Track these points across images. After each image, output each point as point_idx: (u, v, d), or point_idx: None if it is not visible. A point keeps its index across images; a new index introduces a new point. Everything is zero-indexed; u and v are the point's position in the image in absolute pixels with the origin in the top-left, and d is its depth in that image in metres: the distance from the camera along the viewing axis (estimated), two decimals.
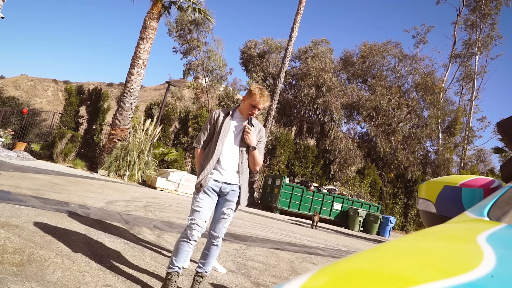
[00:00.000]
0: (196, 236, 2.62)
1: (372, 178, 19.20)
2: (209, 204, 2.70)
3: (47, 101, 71.90)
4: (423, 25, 29.39)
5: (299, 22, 17.33)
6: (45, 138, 16.22)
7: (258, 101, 2.71)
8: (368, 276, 0.66)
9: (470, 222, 1.26)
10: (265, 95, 2.73)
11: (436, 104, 23.32)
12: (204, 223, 2.63)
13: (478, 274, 0.63)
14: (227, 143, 2.76)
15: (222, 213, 2.72)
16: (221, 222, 2.71)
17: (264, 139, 2.91)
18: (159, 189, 11.90)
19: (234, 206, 2.74)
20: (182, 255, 2.61)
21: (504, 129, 2.08)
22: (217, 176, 2.72)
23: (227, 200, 2.74)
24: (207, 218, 2.67)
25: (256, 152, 2.77)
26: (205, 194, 2.69)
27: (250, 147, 2.75)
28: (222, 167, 2.73)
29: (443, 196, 2.08)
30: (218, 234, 2.71)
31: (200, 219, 2.62)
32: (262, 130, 2.87)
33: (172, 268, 2.59)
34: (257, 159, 2.79)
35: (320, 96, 21.30)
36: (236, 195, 2.75)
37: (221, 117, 2.82)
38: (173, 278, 2.58)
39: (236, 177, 2.76)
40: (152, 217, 5.85)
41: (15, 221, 3.59)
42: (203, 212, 2.65)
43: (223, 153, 2.75)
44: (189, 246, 2.62)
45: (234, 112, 2.85)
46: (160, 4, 14.13)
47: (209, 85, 23.94)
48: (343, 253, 7.18)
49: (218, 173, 2.73)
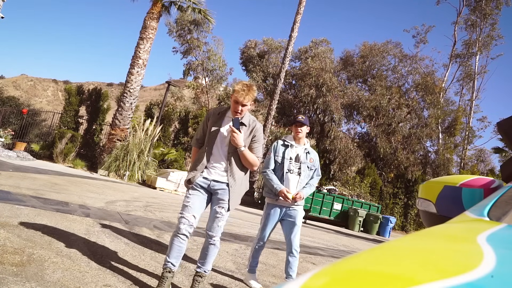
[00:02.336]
0: (184, 230, 2.62)
1: (372, 178, 19.20)
2: (198, 200, 2.72)
3: (47, 101, 71.90)
4: (423, 25, 29.43)
5: (299, 22, 17.32)
6: (45, 138, 16.22)
7: (239, 96, 2.64)
8: (368, 276, 0.66)
9: (470, 222, 1.26)
10: (247, 90, 2.66)
11: (436, 104, 23.32)
12: (192, 218, 2.65)
13: (478, 274, 0.63)
14: (217, 142, 2.76)
15: (215, 211, 2.73)
16: (215, 221, 2.71)
17: (260, 138, 2.82)
18: (159, 189, 11.90)
19: (226, 204, 2.71)
20: (173, 250, 2.63)
21: (504, 129, 2.07)
22: (206, 174, 2.75)
23: (218, 198, 2.73)
24: (196, 213, 2.68)
25: (246, 153, 2.70)
26: (194, 190, 2.73)
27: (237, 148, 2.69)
28: (212, 166, 2.75)
29: (443, 196, 2.08)
30: (213, 233, 2.71)
31: (188, 213, 2.65)
32: (256, 129, 2.79)
33: (165, 264, 2.63)
34: (249, 159, 2.72)
35: (320, 96, 21.29)
36: (226, 194, 2.72)
37: (215, 116, 2.82)
38: (164, 274, 2.61)
39: (225, 176, 2.73)
40: (152, 217, 5.85)
41: (15, 221, 3.59)
42: (191, 206, 2.67)
43: (213, 152, 2.76)
44: (179, 241, 2.63)
45: (227, 111, 2.83)
46: (160, 4, 14.13)
47: (209, 85, 23.95)
48: (343, 253, 7.18)
49: (207, 171, 2.76)
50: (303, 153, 3.47)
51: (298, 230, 3.40)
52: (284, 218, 3.43)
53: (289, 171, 3.40)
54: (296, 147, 3.49)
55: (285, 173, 3.39)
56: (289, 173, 3.39)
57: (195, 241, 4.71)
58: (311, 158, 3.50)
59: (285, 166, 3.40)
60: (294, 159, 3.44)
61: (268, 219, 3.43)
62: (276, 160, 3.46)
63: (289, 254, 3.38)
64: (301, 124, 3.46)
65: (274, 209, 3.42)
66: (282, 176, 3.39)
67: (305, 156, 3.47)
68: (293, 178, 3.39)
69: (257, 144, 2.81)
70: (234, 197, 2.74)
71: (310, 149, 3.55)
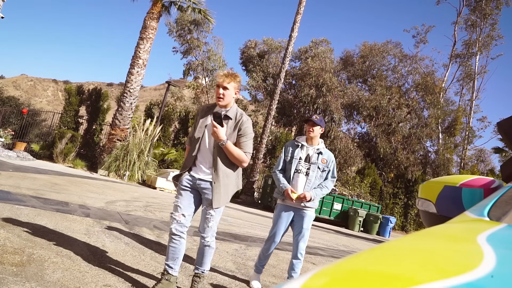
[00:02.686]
0: (175, 230, 2.60)
1: (372, 178, 19.20)
2: (187, 199, 2.67)
3: (47, 101, 71.90)
4: (423, 25, 29.43)
5: (299, 22, 17.32)
6: (45, 138, 16.22)
7: (218, 78, 2.62)
8: (368, 276, 0.66)
9: (470, 222, 1.26)
10: (228, 74, 2.62)
11: (436, 104, 23.33)
12: (182, 217, 2.62)
13: (478, 274, 0.63)
14: (204, 138, 2.68)
15: (204, 212, 2.68)
16: (205, 222, 2.66)
17: (247, 132, 2.65)
18: (159, 189, 11.90)
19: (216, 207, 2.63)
20: (169, 252, 2.64)
21: (504, 129, 2.07)
22: (193, 172, 2.70)
23: (205, 198, 2.66)
24: (185, 211, 2.64)
25: (230, 147, 2.56)
26: (182, 189, 2.69)
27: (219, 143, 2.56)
28: (199, 163, 2.69)
29: (443, 196, 2.08)
30: (204, 234, 2.67)
31: (177, 213, 2.63)
32: (243, 122, 2.64)
33: (164, 267, 2.66)
34: (234, 154, 2.58)
35: (320, 96, 21.30)
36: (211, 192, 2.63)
37: (203, 112, 2.77)
38: (163, 276, 2.63)
39: (210, 174, 2.64)
40: (152, 217, 5.85)
41: (15, 221, 3.59)
42: (180, 206, 2.64)
43: (201, 148, 2.69)
44: (172, 241, 2.62)
45: (215, 106, 2.74)
46: (160, 4, 14.13)
47: (209, 85, 23.94)
48: (343, 253, 7.18)
49: (195, 169, 2.70)
50: (314, 154, 3.38)
51: (305, 233, 3.33)
52: (293, 219, 3.37)
53: (297, 171, 3.35)
54: (307, 147, 3.41)
55: (293, 173, 3.35)
56: (296, 173, 3.35)
57: (195, 241, 4.71)
58: (324, 159, 3.39)
59: (293, 166, 3.35)
60: (304, 159, 3.37)
61: (277, 220, 3.39)
62: (286, 160, 3.43)
63: (294, 257, 3.34)
64: (313, 123, 3.37)
65: (283, 210, 3.37)
66: (291, 176, 3.36)
67: (316, 156, 3.37)
68: (301, 178, 3.33)
69: (245, 139, 2.64)
70: (218, 196, 2.60)
71: (324, 150, 3.43)
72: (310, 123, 3.38)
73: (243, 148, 2.63)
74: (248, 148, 2.66)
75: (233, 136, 2.62)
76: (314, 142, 3.43)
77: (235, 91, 2.65)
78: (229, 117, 2.63)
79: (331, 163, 3.43)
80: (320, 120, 3.40)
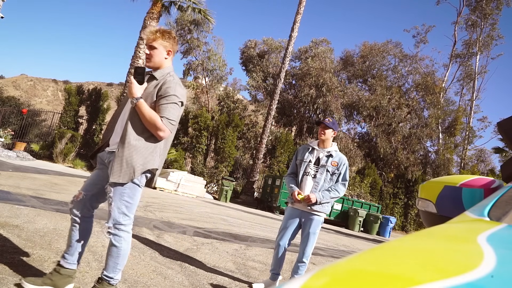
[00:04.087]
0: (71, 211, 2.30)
1: (372, 178, 19.20)
2: (94, 176, 2.36)
3: (46, 101, 71.91)
4: (423, 25, 29.39)
5: (299, 22, 17.33)
6: (45, 138, 16.23)
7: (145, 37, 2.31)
8: (368, 276, 0.66)
9: (470, 222, 1.26)
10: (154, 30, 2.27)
11: (436, 104, 23.34)
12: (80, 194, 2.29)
13: (478, 274, 0.63)
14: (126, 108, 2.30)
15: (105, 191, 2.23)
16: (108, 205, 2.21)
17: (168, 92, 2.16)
18: (159, 189, 11.90)
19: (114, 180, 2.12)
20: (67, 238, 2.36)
21: (504, 129, 2.07)
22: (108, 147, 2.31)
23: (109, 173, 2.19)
24: (86, 190, 2.31)
25: (142, 106, 2.10)
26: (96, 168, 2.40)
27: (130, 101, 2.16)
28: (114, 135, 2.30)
29: (443, 196, 2.08)
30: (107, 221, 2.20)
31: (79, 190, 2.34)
32: (166, 81, 2.19)
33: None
34: (146, 115, 2.10)
35: (320, 96, 21.31)
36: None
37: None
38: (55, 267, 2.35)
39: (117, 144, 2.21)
40: (152, 217, 5.85)
41: (15, 221, 3.59)
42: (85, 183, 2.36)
43: (119, 119, 2.32)
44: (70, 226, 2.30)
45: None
46: (160, 4, 14.13)
47: (209, 85, 23.95)
48: (343, 253, 7.18)
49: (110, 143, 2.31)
50: (324, 156, 3.35)
51: (311, 238, 3.27)
52: (302, 223, 3.35)
53: (305, 174, 3.34)
54: (317, 150, 3.39)
55: (302, 175, 3.35)
56: (305, 176, 3.34)
57: (195, 241, 4.71)
58: (334, 161, 3.34)
59: (302, 169, 3.36)
60: (313, 162, 3.36)
61: (285, 222, 3.37)
62: (297, 164, 3.45)
63: (298, 260, 3.33)
64: (325, 126, 3.34)
65: (291, 213, 3.35)
66: (299, 179, 3.36)
67: (326, 159, 3.34)
68: (308, 180, 3.32)
69: (164, 101, 2.15)
70: (117, 167, 2.11)
71: (335, 153, 3.39)
72: (322, 125, 3.38)
73: (161, 111, 2.14)
74: (167, 113, 2.14)
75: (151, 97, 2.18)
76: (326, 145, 3.41)
77: (167, 50, 2.26)
78: (155, 77, 2.23)
79: (343, 166, 3.37)
80: (332, 123, 3.38)
